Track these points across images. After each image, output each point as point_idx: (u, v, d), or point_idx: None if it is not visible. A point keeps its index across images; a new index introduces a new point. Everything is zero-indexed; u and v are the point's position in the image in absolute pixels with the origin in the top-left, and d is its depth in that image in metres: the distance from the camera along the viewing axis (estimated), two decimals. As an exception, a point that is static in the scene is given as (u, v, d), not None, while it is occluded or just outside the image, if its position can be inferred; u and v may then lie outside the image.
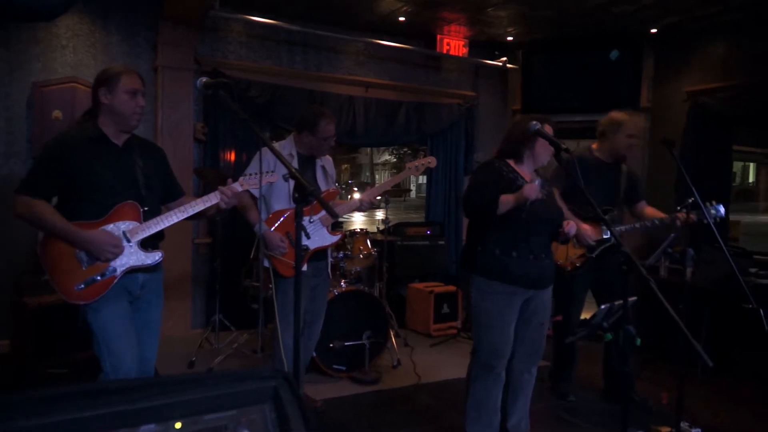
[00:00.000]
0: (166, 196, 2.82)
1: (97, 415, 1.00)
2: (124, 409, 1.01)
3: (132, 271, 2.55)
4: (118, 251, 2.47)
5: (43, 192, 2.45)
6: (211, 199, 2.67)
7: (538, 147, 2.96)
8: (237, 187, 2.72)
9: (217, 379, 1.08)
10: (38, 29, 4.84)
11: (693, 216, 3.50)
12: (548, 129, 2.88)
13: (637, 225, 3.82)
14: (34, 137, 4.75)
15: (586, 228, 3.48)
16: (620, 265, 2.22)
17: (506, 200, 2.79)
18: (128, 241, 2.52)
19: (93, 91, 2.57)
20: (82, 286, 2.44)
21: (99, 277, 2.46)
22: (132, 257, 2.53)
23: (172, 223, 2.62)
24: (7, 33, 4.72)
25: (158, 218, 2.60)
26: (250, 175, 2.78)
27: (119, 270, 2.51)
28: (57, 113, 4.74)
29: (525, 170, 3.02)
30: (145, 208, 2.58)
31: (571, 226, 2.97)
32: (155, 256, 2.61)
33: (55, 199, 2.53)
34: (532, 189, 2.71)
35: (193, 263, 5.47)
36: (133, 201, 2.54)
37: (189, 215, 2.64)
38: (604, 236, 3.75)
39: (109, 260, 2.46)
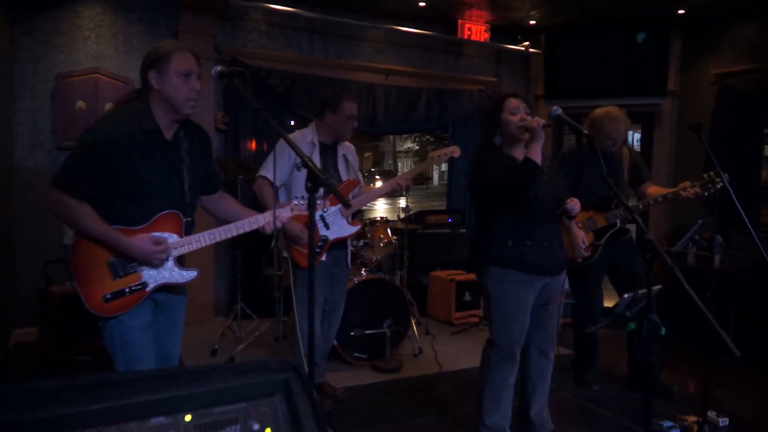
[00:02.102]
0: (203, 189, 2.53)
1: (106, 407, 0.99)
2: (134, 402, 1.00)
3: (162, 288, 2.33)
4: (165, 256, 2.26)
5: (81, 192, 2.15)
6: (258, 222, 2.44)
7: (504, 125, 2.91)
8: (286, 212, 2.48)
9: (227, 371, 1.07)
10: (61, 20, 4.89)
11: (697, 188, 3.49)
12: (513, 102, 2.90)
13: (640, 205, 3.81)
14: (58, 128, 4.81)
15: (580, 234, 3.52)
16: (642, 252, 2.17)
17: (533, 152, 2.75)
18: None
19: (142, 73, 2.28)
20: (109, 296, 2.22)
21: (127, 290, 2.24)
22: (167, 273, 2.31)
23: (213, 242, 2.40)
24: (31, 24, 4.78)
25: (200, 236, 2.36)
26: (295, 197, 2.51)
27: (150, 285, 2.28)
28: (80, 104, 4.80)
29: (516, 153, 2.97)
30: (188, 219, 2.36)
31: (574, 203, 2.91)
32: (191, 275, 2.39)
33: None
34: (538, 120, 2.73)
35: (214, 252, 5.50)
36: (176, 211, 2.30)
37: (232, 235, 2.43)
38: (614, 219, 3.77)
39: (156, 266, 2.27)
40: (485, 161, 2.93)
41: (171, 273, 2.32)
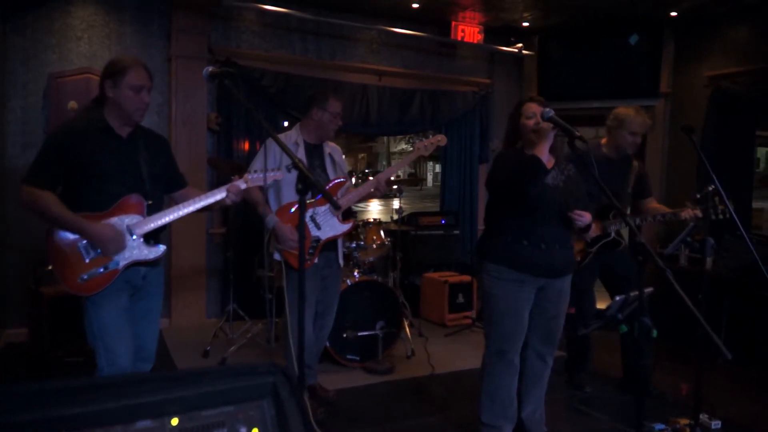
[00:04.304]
0: (169, 187, 2.82)
1: (92, 410, 0.98)
2: (120, 405, 0.99)
3: (134, 264, 2.55)
4: (120, 247, 2.47)
5: (47, 183, 2.44)
6: (216, 195, 2.67)
7: (521, 130, 2.96)
8: (241, 184, 2.71)
9: (215, 374, 1.06)
10: (54, 20, 4.87)
11: (698, 211, 3.45)
12: (531, 107, 2.92)
13: (638, 221, 3.76)
14: (50, 128, 4.77)
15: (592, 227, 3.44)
16: (635, 255, 2.17)
17: (539, 150, 2.77)
18: (132, 235, 2.52)
19: (100, 81, 2.55)
20: (85, 277, 2.44)
21: (102, 270, 2.46)
22: (135, 251, 2.53)
23: (176, 218, 2.61)
24: (23, 23, 4.75)
25: (162, 213, 2.59)
26: (256, 171, 2.75)
27: (122, 263, 2.50)
28: (72, 104, 4.76)
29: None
30: (149, 202, 2.58)
31: (579, 214, 2.88)
32: (158, 251, 2.60)
33: (59, 188, 2.52)
34: (548, 124, 2.71)
35: (207, 253, 5.49)
36: (137, 194, 2.54)
37: (192, 210, 2.64)
38: (609, 229, 3.71)
39: (111, 255, 2.47)
40: (500, 158, 3.02)
41: (140, 251, 2.55)
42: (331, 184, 3.53)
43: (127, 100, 2.49)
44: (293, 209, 3.44)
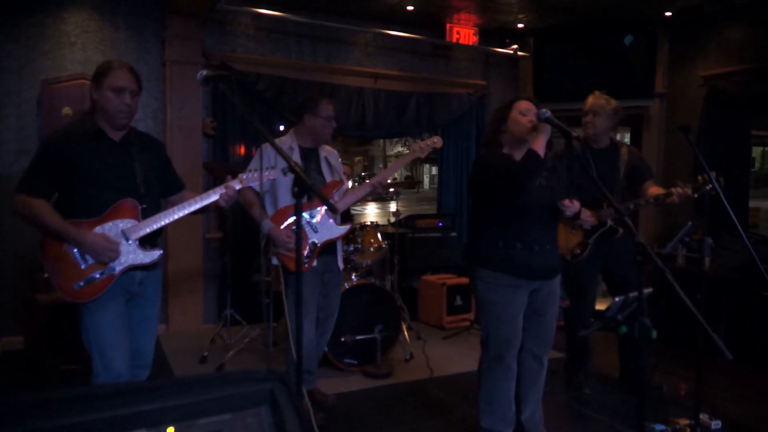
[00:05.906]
0: (166, 190, 2.81)
1: (87, 420, 0.97)
2: (116, 414, 0.98)
3: (130, 269, 2.53)
4: (115, 255, 2.45)
5: (40, 190, 2.43)
6: (210, 197, 2.65)
7: (511, 124, 2.90)
8: (235, 185, 2.69)
9: (211, 381, 1.04)
10: (47, 26, 4.85)
11: (688, 190, 3.42)
12: (524, 104, 2.89)
13: (631, 205, 3.74)
14: (44, 135, 4.75)
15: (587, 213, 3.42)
16: (633, 255, 2.16)
17: (537, 145, 2.73)
18: (127, 239, 2.50)
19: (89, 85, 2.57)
20: (81, 284, 2.42)
21: (98, 275, 2.44)
22: (131, 256, 2.51)
23: (170, 221, 2.60)
24: (16, 29, 4.73)
25: (157, 216, 2.57)
26: (250, 171, 2.74)
27: (118, 269, 2.48)
28: (67, 110, 4.74)
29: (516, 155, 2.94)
30: (144, 206, 2.56)
31: (567, 205, 2.86)
32: (154, 255, 2.58)
33: (55, 195, 2.51)
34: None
35: (204, 258, 5.47)
36: (131, 198, 2.52)
37: (187, 213, 2.62)
38: (605, 218, 3.72)
39: (106, 263, 2.44)
40: (486, 157, 2.95)
41: (135, 255, 2.53)
42: (325, 187, 3.51)
43: (107, 101, 2.48)
44: (288, 221, 3.41)
